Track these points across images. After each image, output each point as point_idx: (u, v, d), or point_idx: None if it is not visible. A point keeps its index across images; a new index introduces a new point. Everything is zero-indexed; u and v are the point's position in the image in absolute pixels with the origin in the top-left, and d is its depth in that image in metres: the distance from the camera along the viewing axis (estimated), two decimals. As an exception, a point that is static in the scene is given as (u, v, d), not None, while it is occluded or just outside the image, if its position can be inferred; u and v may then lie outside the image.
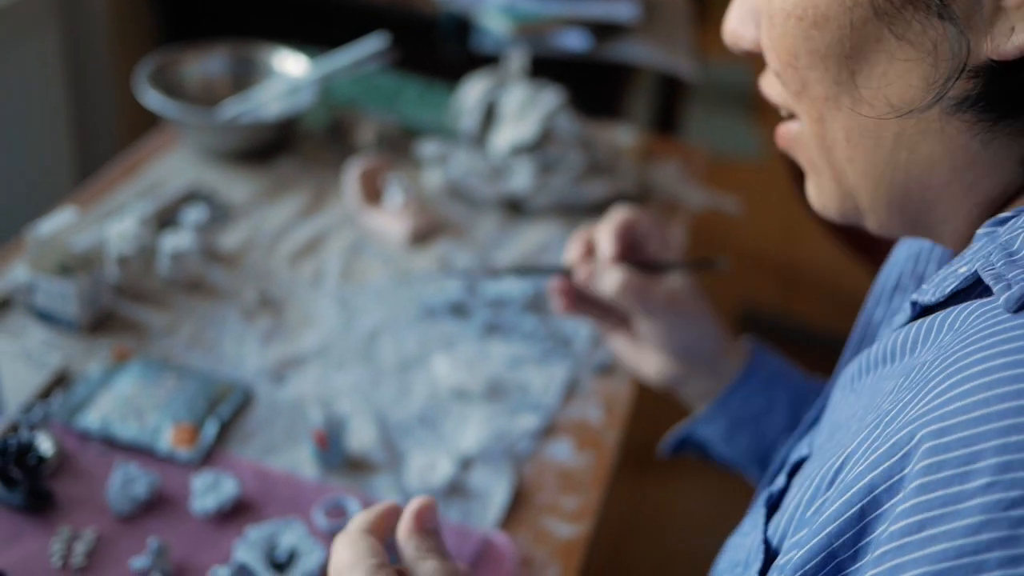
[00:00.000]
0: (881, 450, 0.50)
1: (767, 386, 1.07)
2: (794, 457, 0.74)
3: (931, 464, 0.46)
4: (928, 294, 0.60)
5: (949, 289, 0.58)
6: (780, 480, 0.71)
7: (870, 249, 2.41)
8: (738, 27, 0.67)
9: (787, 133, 0.68)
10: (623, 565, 2.21)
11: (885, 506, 0.49)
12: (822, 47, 0.59)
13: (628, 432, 1.26)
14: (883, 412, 0.52)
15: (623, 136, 1.73)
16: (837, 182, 0.65)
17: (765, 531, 0.65)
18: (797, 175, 2.55)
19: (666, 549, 2.29)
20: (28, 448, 1.01)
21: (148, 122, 1.82)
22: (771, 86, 0.68)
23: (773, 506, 0.69)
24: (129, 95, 1.97)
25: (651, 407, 1.16)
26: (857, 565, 0.50)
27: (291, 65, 1.69)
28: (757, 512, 0.68)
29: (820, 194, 0.68)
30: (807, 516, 0.57)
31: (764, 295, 3.23)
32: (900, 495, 0.48)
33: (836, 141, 0.63)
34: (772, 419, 1.07)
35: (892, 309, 0.80)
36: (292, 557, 0.99)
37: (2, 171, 1.99)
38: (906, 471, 0.48)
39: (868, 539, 0.49)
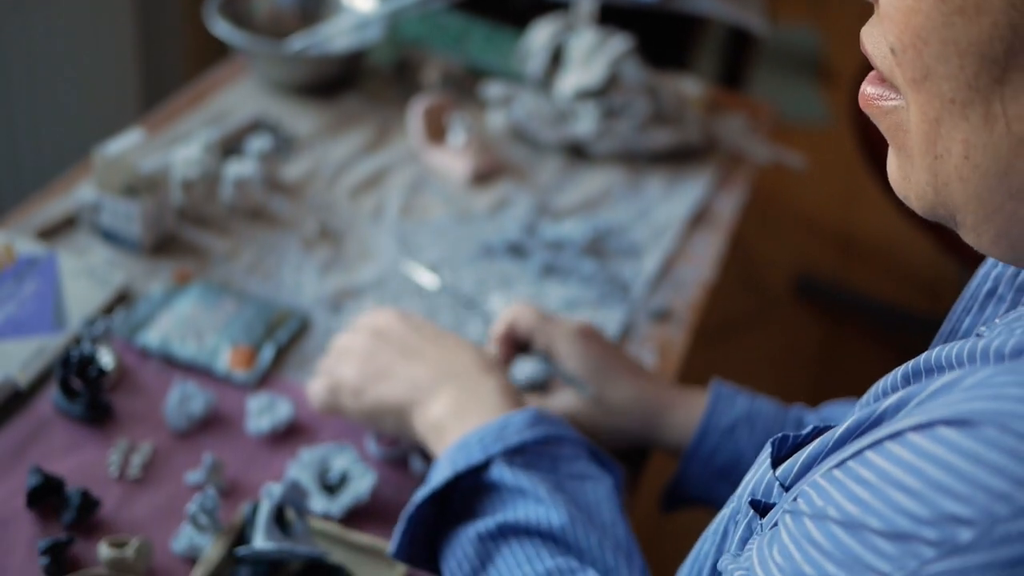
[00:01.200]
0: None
1: (727, 439, 1.02)
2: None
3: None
4: (995, 334, 0.53)
5: (1018, 334, 0.51)
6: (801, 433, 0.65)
7: (952, 237, 2.38)
8: None
9: (879, 103, 0.56)
10: (666, 526, 2.21)
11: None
12: (963, 40, 0.48)
13: (681, 381, 1.25)
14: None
15: (690, 87, 1.71)
16: (935, 190, 0.54)
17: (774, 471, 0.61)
18: (865, 147, 2.53)
19: (711, 511, 2.28)
20: (89, 361, 1.03)
21: (215, 53, 1.83)
22: (878, 45, 0.55)
23: (786, 454, 0.63)
24: (198, 25, 1.98)
25: (704, 356, 1.16)
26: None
27: (359, 1, 1.68)
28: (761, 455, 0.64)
29: (906, 184, 0.56)
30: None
31: (821, 262, 3.20)
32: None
33: (950, 152, 0.51)
34: (746, 467, 1.00)
35: (985, 319, 0.68)
36: (343, 480, 1.00)
37: (72, 97, 2.01)
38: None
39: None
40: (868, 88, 0.56)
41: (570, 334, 1.04)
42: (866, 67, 0.58)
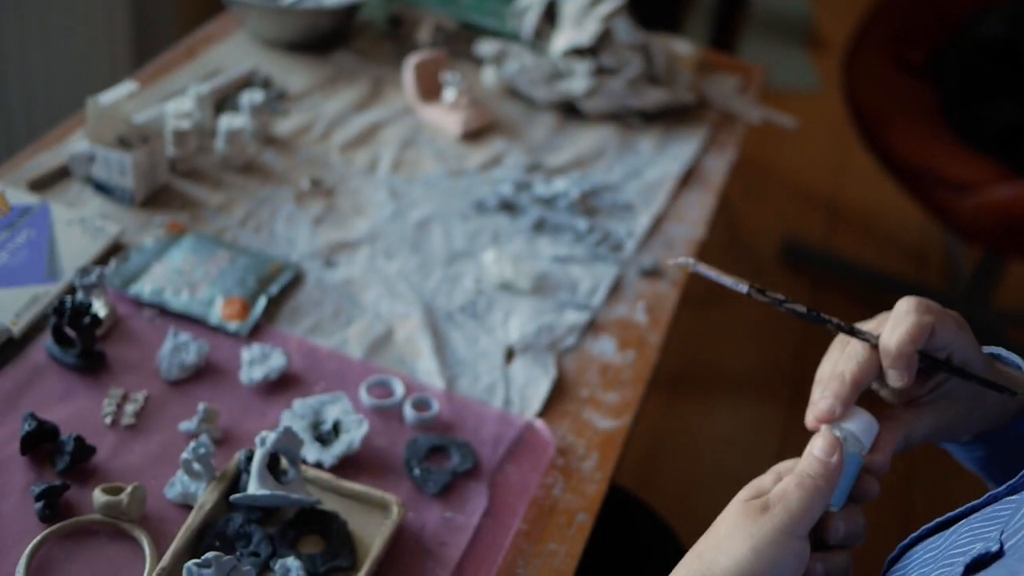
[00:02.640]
0: None
1: None
2: (976, 548, 0.62)
3: None
4: None
5: None
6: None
7: (938, 204, 2.40)
8: None
9: None
10: (653, 482, 2.23)
11: None
12: None
13: (670, 341, 1.26)
14: None
15: (682, 47, 1.72)
16: None
17: None
18: (854, 114, 2.54)
19: (696, 468, 2.30)
20: (83, 310, 1.03)
21: (207, 9, 1.82)
22: None
23: None
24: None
25: (691, 318, 1.15)
26: None
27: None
28: None
29: None
30: None
31: (806, 228, 3.21)
32: None
33: None
34: None
35: None
36: (336, 430, 1.01)
37: (64, 52, 1.99)
38: None
39: None
40: None
41: (968, 333, 0.81)
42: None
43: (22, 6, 1.86)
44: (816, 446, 0.73)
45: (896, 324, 0.78)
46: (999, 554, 0.58)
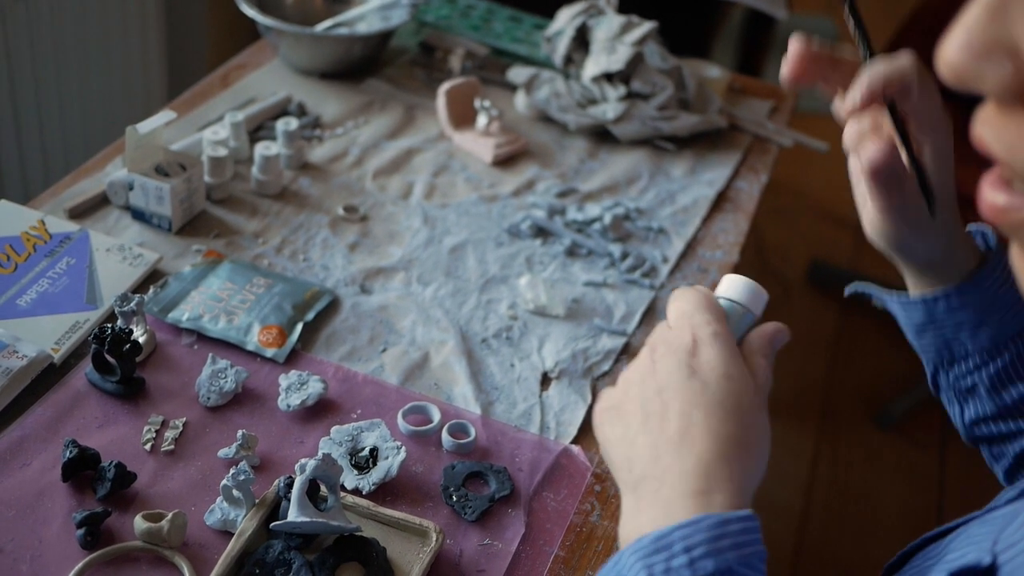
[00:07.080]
0: None
1: (981, 304, 0.87)
2: (968, 556, 0.60)
3: None
4: None
5: None
6: None
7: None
8: (974, 62, 0.42)
9: (1018, 214, 0.46)
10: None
11: None
12: None
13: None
14: None
15: (712, 71, 1.72)
16: None
17: None
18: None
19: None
20: (123, 336, 1.03)
21: (242, 37, 1.83)
22: (1004, 141, 0.44)
23: None
24: (224, 11, 1.98)
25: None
26: None
27: (384, -15, 1.69)
28: None
29: None
30: None
31: (834, 249, 3.21)
32: None
33: None
34: (963, 338, 0.90)
35: None
36: (373, 457, 1.01)
37: (99, 81, 2.02)
38: None
39: None
40: (999, 199, 0.46)
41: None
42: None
43: (59, 37, 1.88)
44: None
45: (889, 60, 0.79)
46: (991, 569, 0.56)
